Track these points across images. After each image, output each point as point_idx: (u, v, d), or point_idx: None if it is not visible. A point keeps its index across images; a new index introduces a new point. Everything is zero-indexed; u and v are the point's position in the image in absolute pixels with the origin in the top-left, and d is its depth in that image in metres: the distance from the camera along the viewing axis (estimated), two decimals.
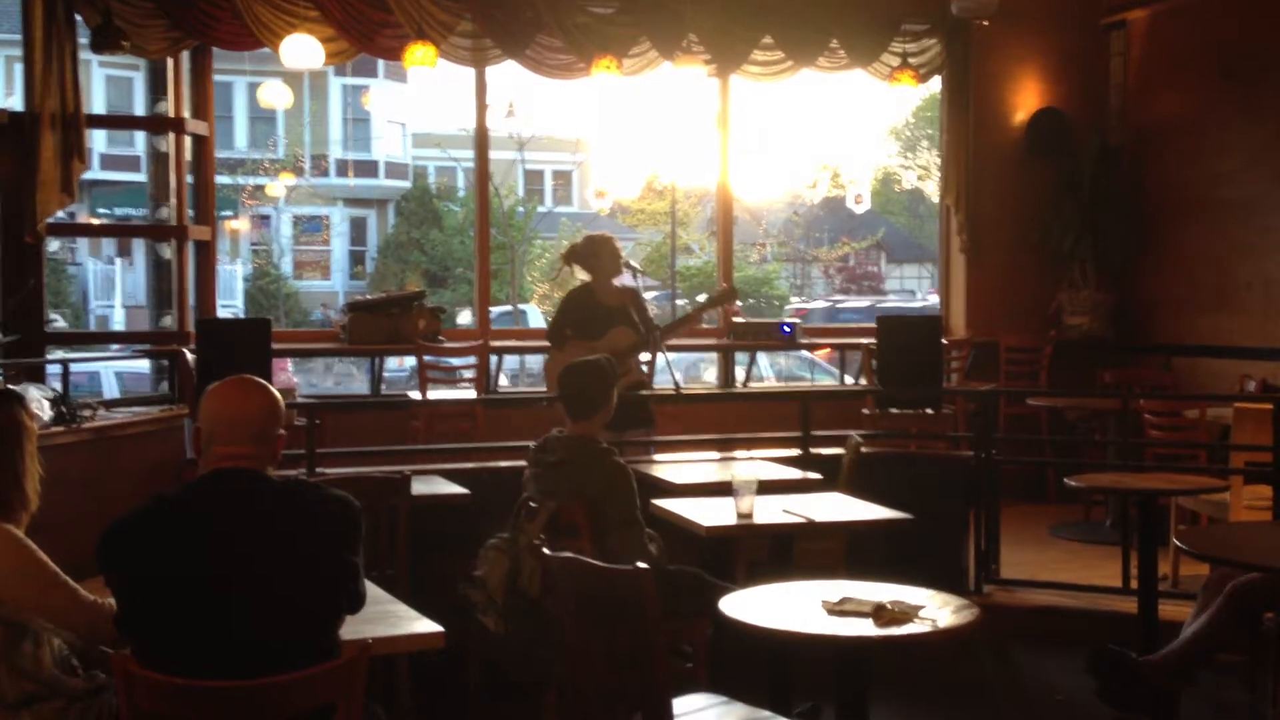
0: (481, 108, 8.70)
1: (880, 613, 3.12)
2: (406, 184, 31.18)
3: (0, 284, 7.25)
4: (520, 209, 27.83)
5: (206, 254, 8.26)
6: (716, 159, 8.97)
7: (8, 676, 2.96)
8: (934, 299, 24.58)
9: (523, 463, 4.98)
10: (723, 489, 4.98)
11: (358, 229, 31.99)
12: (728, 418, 7.85)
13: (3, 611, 2.96)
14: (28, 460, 3.11)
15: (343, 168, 30.60)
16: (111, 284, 27.53)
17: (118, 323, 26.06)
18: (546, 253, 27.59)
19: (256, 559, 2.61)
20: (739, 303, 7.33)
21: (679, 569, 4.51)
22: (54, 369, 7.13)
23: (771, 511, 4.61)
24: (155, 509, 2.67)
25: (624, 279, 6.46)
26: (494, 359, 8.35)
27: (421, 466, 5.89)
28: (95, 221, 26.63)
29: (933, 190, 31.89)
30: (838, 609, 3.19)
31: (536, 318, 23.45)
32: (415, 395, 8.19)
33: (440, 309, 8.49)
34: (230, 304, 25.45)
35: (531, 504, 4.44)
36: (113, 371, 9.00)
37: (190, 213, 8.04)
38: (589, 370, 4.59)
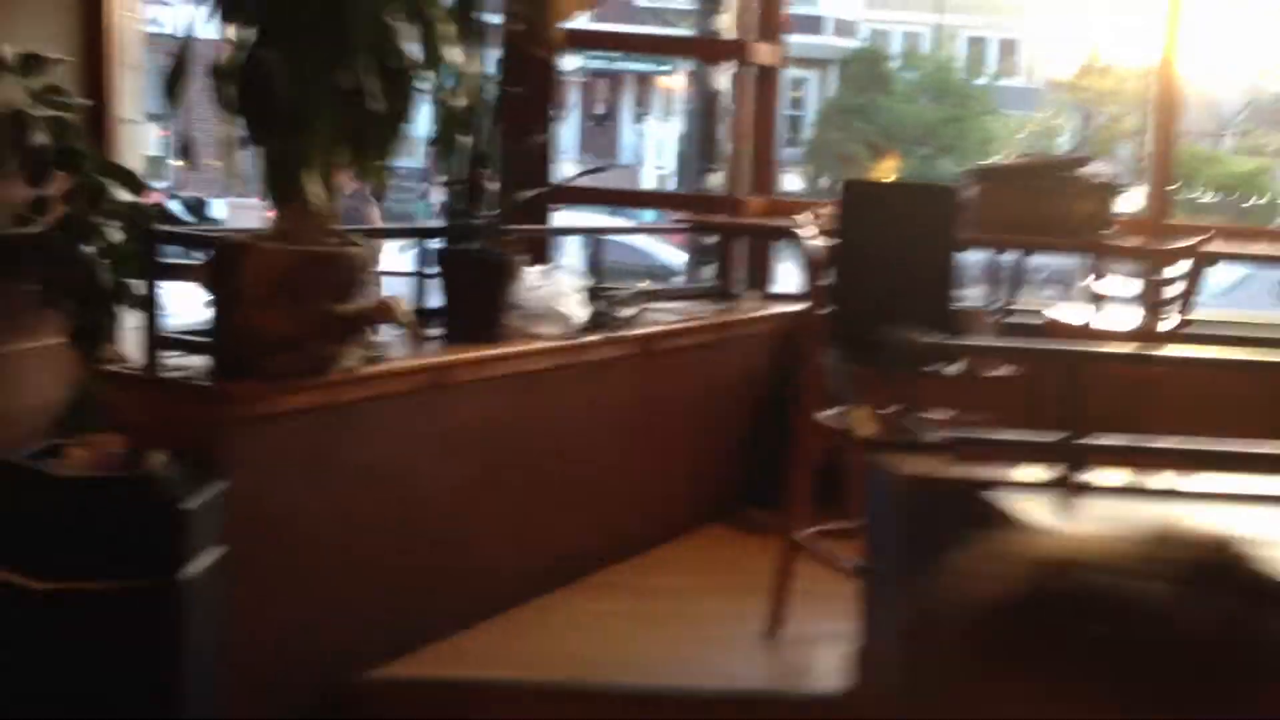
0: None
1: None
2: (855, 43, 28.10)
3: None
4: (977, 79, 24.43)
5: (768, 85, 5.70)
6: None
7: None
8: None
9: None
10: None
11: (796, 91, 29.22)
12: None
13: None
14: None
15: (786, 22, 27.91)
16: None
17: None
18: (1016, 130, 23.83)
19: None
20: None
21: None
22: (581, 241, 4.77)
23: None
24: None
25: None
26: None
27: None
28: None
29: None
30: None
31: None
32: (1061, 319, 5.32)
33: (1115, 184, 5.51)
34: (661, 167, 23.60)
35: None
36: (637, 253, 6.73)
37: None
38: None
